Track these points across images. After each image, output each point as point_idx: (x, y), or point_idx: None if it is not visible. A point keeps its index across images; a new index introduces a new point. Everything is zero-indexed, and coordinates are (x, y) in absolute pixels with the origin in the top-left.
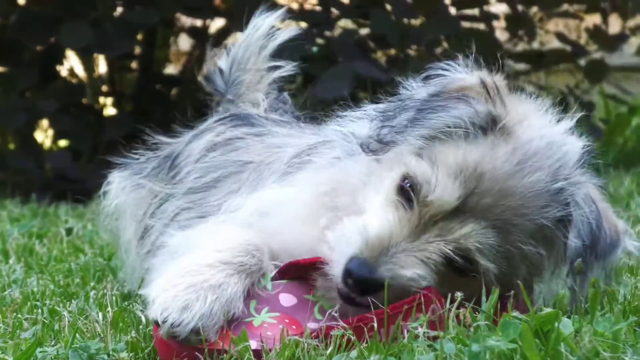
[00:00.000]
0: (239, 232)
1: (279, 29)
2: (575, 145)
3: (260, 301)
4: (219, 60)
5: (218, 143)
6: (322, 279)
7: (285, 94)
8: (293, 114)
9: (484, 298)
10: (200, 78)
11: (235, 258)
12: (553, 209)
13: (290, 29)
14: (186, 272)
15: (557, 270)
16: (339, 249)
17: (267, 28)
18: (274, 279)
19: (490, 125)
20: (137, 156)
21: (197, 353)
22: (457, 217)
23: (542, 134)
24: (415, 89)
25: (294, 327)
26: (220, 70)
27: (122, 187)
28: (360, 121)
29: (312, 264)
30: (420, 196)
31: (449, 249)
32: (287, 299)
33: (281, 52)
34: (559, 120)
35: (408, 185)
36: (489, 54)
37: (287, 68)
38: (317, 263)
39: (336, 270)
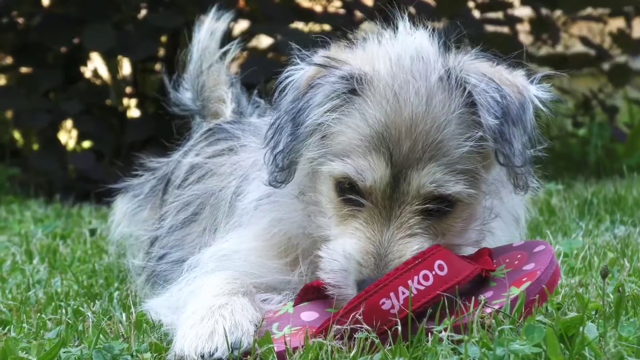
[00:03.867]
0: (213, 278)
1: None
2: (425, 40)
3: (282, 322)
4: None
5: (196, 165)
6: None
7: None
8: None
9: (508, 302)
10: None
11: (224, 289)
12: (458, 102)
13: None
14: (191, 319)
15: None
16: (341, 277)
17: (222, 30)
18: (295, 304)
19: (353, 85)
20: (137, 178)
21: None
22: (400, 178)
23: (398, 55)
24: (279, 106)
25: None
26: (181, 85)
27: (124, 213)
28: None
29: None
30: (362, 190)
31: (418, 206)
32: (308, 315)
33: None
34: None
35: (347, 187)
36: (512, 57)
37: (234, 49)
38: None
39: (346, 292)
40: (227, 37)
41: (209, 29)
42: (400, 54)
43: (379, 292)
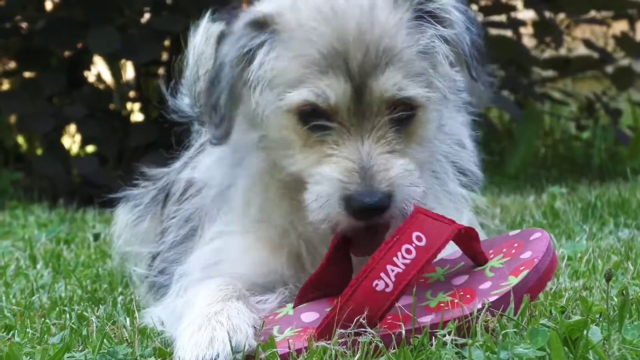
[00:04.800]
0: (205, 287)
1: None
2: None
3: (283, 325)
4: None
5: (192, 179)
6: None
7: None
8: None
9: (512, 305)
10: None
11: (217, 296)
12: (404, 9)
13: None
14: (189, 330)
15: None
16: (327, 202)
17: (217, 35)
18: (294, 306)
19: (271, 22)
20: (137, 188)
21: None
22: (361, 90)
23: None
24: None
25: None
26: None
27: (125, 224)
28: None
29: (323, 271)
30: (326, 112)
31: (385, 116)
32: (308, 316)
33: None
34: None
35: (309, 114)
36: (515, 60)
37: None
38: (326, 268)
39: (337, 218)
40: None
41: (203, 34)
42: None
43: (370, 276)
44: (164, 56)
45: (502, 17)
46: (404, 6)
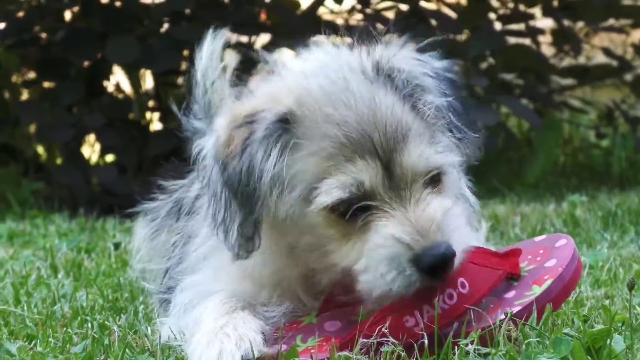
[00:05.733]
0: (209, 303)
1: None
2: (335, 49)
3: (306, 334)
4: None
5: (200, 194)
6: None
7: None
8: None
9: (534, 314)
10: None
11: (222, 309)
12: (394, 86)
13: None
14: (199, 348)
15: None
16: (395, 268)
17: (221, 47)
18: (319, 313)
19: (286, 122)
20: (153, 201)
21: None
22: (390, 166)
23: (316, 72)
24: (209, 182)
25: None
26: (191, 110)
27: (142, 238)
28: None
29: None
30: (363, 197)
31: (421, 180)
32: (332, 325)
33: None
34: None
35: (345, 206)
36: (534, 69)
37: (232, 60)
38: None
39: (410, 280)
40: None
41: (208, 49)
42: (315, 73)
43: (403, 311)
44: (183, 66)
45: (520, 26)
46: (381, 81)
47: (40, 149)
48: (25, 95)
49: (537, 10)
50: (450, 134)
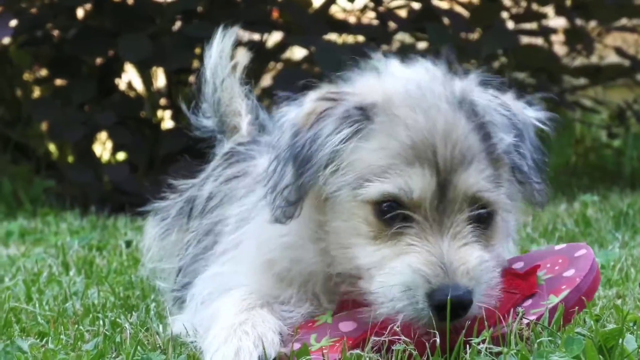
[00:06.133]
0: (228, 298)
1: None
2: (429, 66)
3: (321, 333)
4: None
5: (213, 192)
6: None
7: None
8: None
9: (546, 314)
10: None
11: (241, 305)
12: (473, 121)
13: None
14: (216, 342)
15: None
16: (410, 295)
17: (230, 45)
18: (334, 312)
19: (367, 112)
20: (164, 200)
21: None
22: (445, 185)
23: (407, 80)
24: (278, 144)
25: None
26: (200, 108)
27: (153, 237)
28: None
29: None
30: (408, 205)
31: (467, 213)
32: (346, 325)
33: (338, 66)
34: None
35: (387, 207)
36: (546, 68)
37: (242, 59)
38: None
39: (419, 314)
40: (260, 50)
41: (217, 47)
42: (408, 79)
43: None
44: (195, 64)
45: (533, 25)
46: (473, 116)
47: (52, 147)
48: (37, 93)
49: (549, 10)
50: (514, 177)
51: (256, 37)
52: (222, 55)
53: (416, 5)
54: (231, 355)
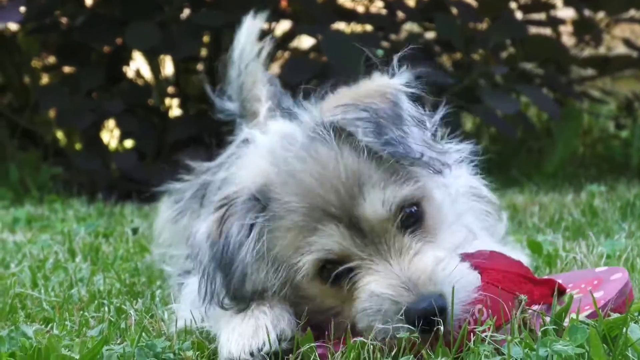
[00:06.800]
0: None
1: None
2: (281, 123)
3: None
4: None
5: (226, 179)
6: None
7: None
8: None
9: (555, 301)
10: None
11: None
12: (344, 139)
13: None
14: (233, 322)
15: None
16: (383, 320)
17: (258, 30)
18: None
19: (259, 200)
20: (179, 182)
21: None
22: (355, 222)
23: (271, 147)
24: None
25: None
26: (225, 92)
27: (166, 220)
28: None
29: None
30: (342, 259)
31: (394, 227)
32: None
33: (347, 56)
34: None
35: (328, 270)
36: (554, 59)
37: (268, 46)
38: None
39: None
40: (268, 38)
41: (246, 30)
42: (280, 142)
43: None
44: (203, 52)
45: (541, 16)
46: (339, 135)
47: (59, 134)
48: (45, 80)
49: (558, 0)
50: (411, 164)
51: (264, 25)
52: (250, 39)
53: None
54: (249, 333)
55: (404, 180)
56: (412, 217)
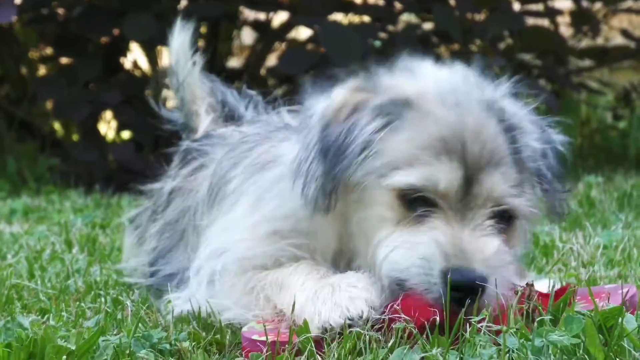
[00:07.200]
0: (291, 269)
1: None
2: (462, 69)
3: None
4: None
5: (174, 189)
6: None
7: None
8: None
9: (552, 290)
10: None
11: (315, 273)
12: (503, 125)
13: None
14: (316, 297)
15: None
16: (422, 267)
17: (189, 40)
18: None
19: (399, 104)
20: (137, 208)
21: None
22: (471, 181)
23: (440, 79)
24: (308, 135)
25: None
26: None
27: (130, 247)
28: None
29: None
30: (433, 196)
31: (489, 209)
32: None
33: (344, 46)
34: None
35: (413, 197)
36: (552, 50)
37: (199, 60)
38: None
39: (431, 288)
40: (265, 30)
41: (177, 42)
42: (440, 79)
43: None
44: (200, 43)
45: (539, 6)
46: (502, 121)
47: (57, 126)
48: (42, 71)
49: None
50: (539, 184)
51: (262, 16)
52: (182, 51)
53: None
54: (344, 302)
55: (522, 192)
56: (502, 219)
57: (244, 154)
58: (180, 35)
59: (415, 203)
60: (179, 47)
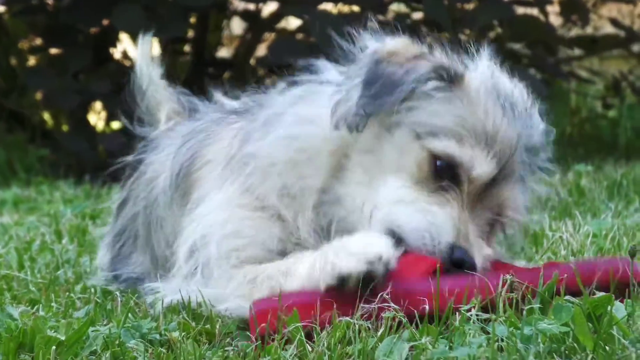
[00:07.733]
0: (299, 257)
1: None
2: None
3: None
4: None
5: (123, 199)
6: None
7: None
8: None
9: (541, 282)
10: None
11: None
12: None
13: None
14: (330, 257)
15: None
16: (434, 233)
17: (150, 49)
18: None
19: (452, 78)
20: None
21: None
22: (495, 182)
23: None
24: (356, 61)
25: None
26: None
27: (102, 262)
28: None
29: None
30: (460, 175)
31: (493, 215)
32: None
33: (330, 35)
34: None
35: (444, 165)
36: (542, 39)
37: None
38: None
39: (437, 251)
40: (255, 20)
41: (140, 52)
42: (495, 74)
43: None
44: (190, 33)
45: None
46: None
47: (46, 116)
48: (32, 61)
49: None
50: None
51: (251, 6)
52: (144, 60)
53: None
54: (359, 250)
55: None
56: (495, 225)
57: (205, 141)
58: (142, 47)
59: (443, 171)
60: (141, 58)
